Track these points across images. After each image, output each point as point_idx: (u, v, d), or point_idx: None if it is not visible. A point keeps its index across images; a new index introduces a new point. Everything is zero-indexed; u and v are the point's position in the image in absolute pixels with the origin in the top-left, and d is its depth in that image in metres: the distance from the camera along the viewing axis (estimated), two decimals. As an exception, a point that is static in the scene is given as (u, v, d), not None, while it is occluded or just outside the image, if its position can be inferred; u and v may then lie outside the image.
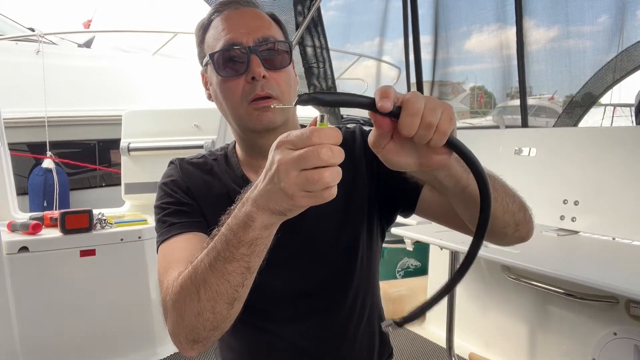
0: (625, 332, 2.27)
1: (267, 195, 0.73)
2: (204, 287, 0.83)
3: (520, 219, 0.98)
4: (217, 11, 1.13)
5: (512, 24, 3.29)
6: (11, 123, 4.56)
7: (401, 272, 3.75)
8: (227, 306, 0.85)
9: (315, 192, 0.70)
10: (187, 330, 0.88)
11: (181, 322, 0.88)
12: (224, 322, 0.88)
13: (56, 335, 2.69)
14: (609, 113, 9.25)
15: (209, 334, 0.88)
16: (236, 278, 0.83)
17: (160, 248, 1.08)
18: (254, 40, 1.07)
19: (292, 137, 0.70)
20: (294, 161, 0.68)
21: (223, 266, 0.81)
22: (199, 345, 0.91)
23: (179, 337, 0.90)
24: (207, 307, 0.84)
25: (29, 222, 2.68)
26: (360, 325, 1.22)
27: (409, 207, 1.16)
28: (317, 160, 0.68)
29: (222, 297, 0.84)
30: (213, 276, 0.83)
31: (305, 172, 0.68)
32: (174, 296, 0.89)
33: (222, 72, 1.08)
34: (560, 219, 2.58)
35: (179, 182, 1.17)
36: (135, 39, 7.01)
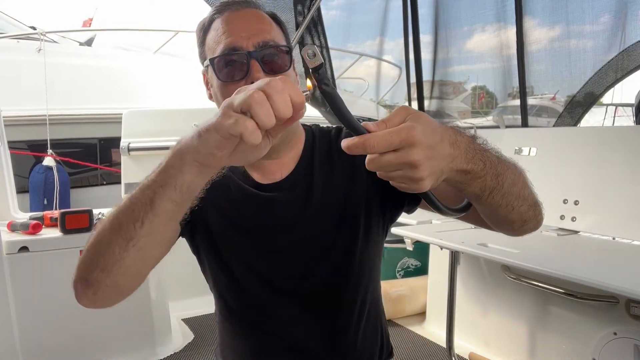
0: (625, 332, 2.27)
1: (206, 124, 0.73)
2: (115, 215, 0.84)
3: (529, 216, 0.99)
4: (217, 12, 1.13)
5: (512, 23, 3.29)
6: (12, 121, 4.57)
7: (401, 271, 3.75)
8: (122, 244, 0.84)
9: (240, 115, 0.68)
10: (82, 263, 0.89)
11: (83, 256, 0.89)
12: (115, 266, 0.86)
13: (56, 335, 2.70)
14: (611, 113, 9.23)
15: (99, 275, 0.87)
16: (139, 209, 0.81)
17: None
18: (254, 44, 1.06)
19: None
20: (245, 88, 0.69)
21: (136, 195, 0.82)
22: (89, 291, 0.90)
23: (76, 273, 0.90)
24: (106, 238, 0.85)
25: (29, 222, 2.68)
26: (361, 324, 1.22)
27: (414, 199, 1.17)
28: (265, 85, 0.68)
29: (121, 230, 0.83)
30: (124, 204, 0.83)
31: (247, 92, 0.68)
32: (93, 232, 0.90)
33: (222, 76, 1.08)
34: (560, 218, 2.58)
35: None
36: (136, 37, 7.03)
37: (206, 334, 3.28)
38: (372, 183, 1.19)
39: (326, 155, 1.21)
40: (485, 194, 0.86)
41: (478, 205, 0.93)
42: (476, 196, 0.87)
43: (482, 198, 0.87)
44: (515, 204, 0.94)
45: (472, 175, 0.82)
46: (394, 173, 0.74)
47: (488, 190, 0.86)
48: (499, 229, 1.04)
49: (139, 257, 0.87)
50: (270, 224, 1.14)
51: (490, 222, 1.02)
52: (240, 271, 1.16)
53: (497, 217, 0.97)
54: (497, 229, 1.05)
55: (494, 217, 0.98)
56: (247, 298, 1.18)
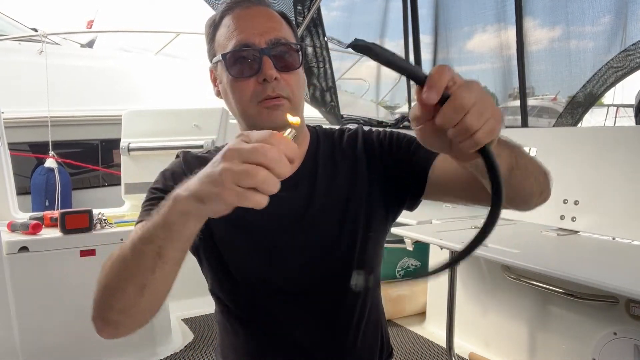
0: (625, 332, 2.26)
1: (201, 177, 0.73)
2: (123, 263, 0.83)
3: (546, 184, 1.00)
4: (228, 9, 1.13)
5: (512, 23, 3.29)
6: (14, 123, 4.58)
7: (401, 272, 3.74)
8: (137, 290, 0.82)
9: (244, 190, 0.68)
10: (98, 305, 0.87)
11: (98, 296, 0.87)
12: (133, 309, 0.85)
13: (56, 335, 2.69)
14: (612, 113, 9.22)
15: (118, 317, 0.86)
16: (148, 261, 0.80)
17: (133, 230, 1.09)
18: (266, 41, 1.07)
19: (252, 134, 0.70)
20: (241, 151, 0.68)
21: (140, 246, 0.80)
22: (109, 328, 0.89)
23: (94, 312, 0.89)
24: (120, 285, 0.83)
25: (29, 222, 2.68)
26: (361, 324, 1.22)
27: (417, 192, 1.17)
28: (262, 157, 0.67)
29: (133, 279, 0.82)
30: (131, 254, 0.82)
31: (246, 165, 0.67)
32: (102, 268, 0.88)
33: (233, 72, 1.08)
34: (560, 218, 2.57)
35: (177, 173, 1.17)
36: (137, 39, 7.04)
37: (206, 334, 3.27)
38: (373, 183, 1.20)
39: (329, 156, 1.22)
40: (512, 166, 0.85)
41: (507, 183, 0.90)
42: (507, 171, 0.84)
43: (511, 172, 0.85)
44: (535, 175, 0.95)
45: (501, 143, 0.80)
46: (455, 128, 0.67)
47: (513, 163, 0.85)
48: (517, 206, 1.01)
49: (154, 296, 0.86)
50: (272, 223, 1.14)
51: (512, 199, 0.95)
52: (240, 271, 1.16)
53: (522, 192, 0.95)
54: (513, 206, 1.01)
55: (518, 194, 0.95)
56: (247, 298, 1.18)
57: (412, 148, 1.17)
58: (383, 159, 1.20)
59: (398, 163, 1.18)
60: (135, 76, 5.80)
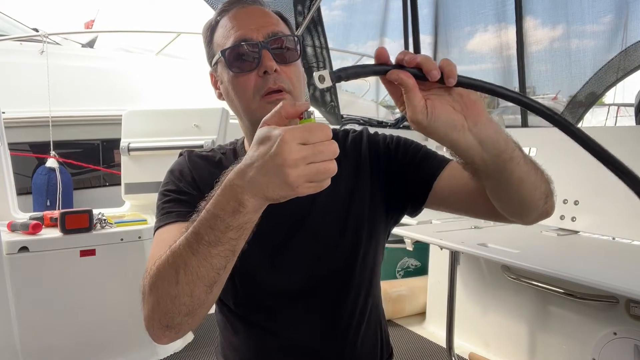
0: (625, 332, 2.26)
1: (264, 183, 0.74)
2: (184, 270, 0.82)
3: (549, 190, 1.00)
4: (224, 10, 1.15)
5: (512, 23, 3.29)
6: (15, 123, 4.58)
7: (401, 271, 3.75)
8: (207, 289, 0.84)
9: (319, 182, 0.73)
10: (161, 315, 0.87)
11: (157, 307, 0.87)
12: (201, 308, 0.87)
13: (56, 335, 2.69)
14: (613, 113, 9.23)
15: (183, 319, 0.87)
16: (220, 261, 0.82)
17: (155, 235, 1.08)
18: (264, 35, 1.08)
19: (302, 132, 0.72)
20: (309, 156, 0.71)
21: (207, 250, 0.80)
22: (171, 332, 0.89)
23: (152, 322, 0.89)
24: (186, 290, 0.83)
25: (29, 222, 2.68)
26: (362, 325, 1.22)
27: (419, 201, 1.17)
28: (330, 155, 0.72)
29: (202, 280, 0.83)
30: (195, 259, 0.81)
31: (315, 165, 0.71)
32: (151, 279, 0.87)
33: (233, 68, 1.09)
34: (560, 218, 2.57)
35: (185, 172, 1.18)
36: (138, 39, 7.03)
37: (206, 334, 3.27)
38: (376, 185, 1.20)
39: None
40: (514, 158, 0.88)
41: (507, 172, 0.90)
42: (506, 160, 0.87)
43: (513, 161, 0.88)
44: (536, 178, 0.95)
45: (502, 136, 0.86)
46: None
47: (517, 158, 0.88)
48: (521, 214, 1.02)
49: (220, 288, 0.88)
50: (274, 223, 1.13)
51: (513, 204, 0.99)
52: (241, 271, 1.15)
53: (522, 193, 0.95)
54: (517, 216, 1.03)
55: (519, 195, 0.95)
56: (248, 298, 1.18)
57: (419, 156, 1.18)
58: (388, 163, 1.21)
59: (403, 169, 1.19)
60: (136, 76, 5.80)
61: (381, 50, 0.77)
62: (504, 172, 0.89)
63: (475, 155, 0.85)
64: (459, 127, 0.80)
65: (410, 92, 0.76)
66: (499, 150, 0.85)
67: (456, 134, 0.81)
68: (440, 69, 0.76)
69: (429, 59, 0.76)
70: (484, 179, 0.93)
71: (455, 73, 0.77)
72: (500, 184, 0.92)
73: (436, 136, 0.82)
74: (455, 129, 0.80)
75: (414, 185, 1.16)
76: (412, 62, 0.76)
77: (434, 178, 1.13)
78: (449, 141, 0.83)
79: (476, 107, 0.80)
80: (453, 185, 1.11)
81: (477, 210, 1.09)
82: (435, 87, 0.79)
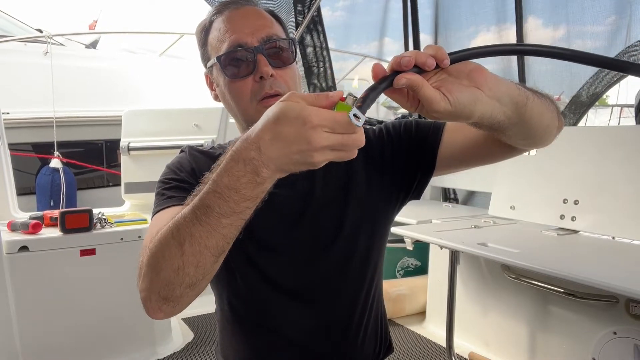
0: (625, 331, 2.26)
1: (287, 162, 0.74)
2: (189, 241, 0.81)
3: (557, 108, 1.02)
4: (217, 12, 1.14)
5: (512, 24, 3.29)
6: (19, 123, 4.61)
7: (401, 271, 3.74)
8: (213, 259, 0.83)
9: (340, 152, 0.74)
10: (160, 286, 0.85)
11: (156, 278, 0.85)
12: (204, 279, 0.85)
13: (56, 335, 2.70)
14: (616, 113, 9.18)
15: (184, 291, 0.85)
16: (231, 230, 0.81)
17: (153, 218, 1.07)
18: (259, 39, 1.08)
19: (330, 121, 0.71)
20: (335, 145, 0.72)
21: (217, 221, 0.79)
22: (168, 306, 0.88)
23: (150, 294, 0.87)
24: (191, 261, 0.82)
25: (29, 222, 2.68)
26: (362, 323, 1.22)
27: (426, 174, 1.18)
28: (354, 146, 0.73)
29: (210, 250, 0.81)
30: (203, 230, 0.80)
31: (339, 152, 0.73)
32: (151, 251, 0.85)
33: (229, 74, 1.09)
34: (560, 218, 2.57)
35: (185, 164, 1.18)
36: (141, 39, 7.06)
37: (206, 333, 3.28)
38: (373, 178, 1.20)
39: None
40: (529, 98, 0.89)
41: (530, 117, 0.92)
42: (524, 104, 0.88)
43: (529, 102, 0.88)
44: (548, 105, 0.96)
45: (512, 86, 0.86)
46: None
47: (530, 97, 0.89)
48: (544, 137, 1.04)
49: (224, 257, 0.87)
50: (271, 221, 1.13)
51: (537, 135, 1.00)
52: (241, 269, 1.16)
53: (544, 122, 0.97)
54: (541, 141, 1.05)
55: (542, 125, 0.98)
56: (248, 296, 1.18)
57: (413, 133, 1.18)
58: (383, 155, 1.20)
59: (401, 154, 1.19)
60: (139, 77, 5.82)
61: (376, 67, 0.77)
62: (525, 115, 0.90)
63: (500, 115, 0.86)
64: (479, 98, 0.80)
65: (423, 87, 0.75)
66: (517, 100, 0.86)
67: (480, 105, 0.81)
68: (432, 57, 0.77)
69: (418, 52, 0.76)
70: (510, 130, 0.93)
71: (446, 54, 0.77)
72: (524, 126, 0.93)
73: (464, 116, 0.81)
74: (478, 101, 0.80)
75: (418, 163, 1.16)
76: (409, 64, 0.75)
77: (436, 148, 1.13)
78: (477, 116, 0.82)
79: (481, 73, 0.80)
80: (457, 146, 1.12)
81: (489, 154, 1.09)
82: (433, 74, 0.79)
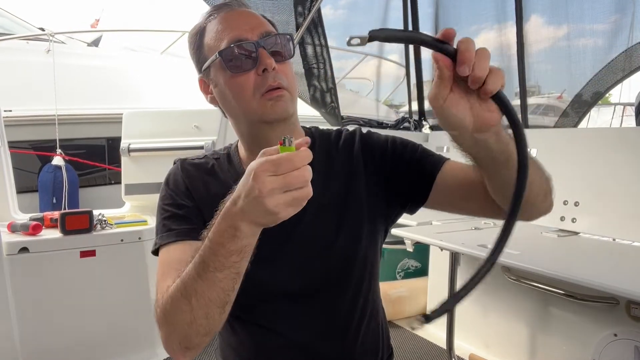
0: (625, 333, 2.26)
1: (251, 211, 0.81)
2: (195, 297, 0.89)
3: (548, 188, 1.02)
4: (211, 15, 1.15)
5: (513, 23, 3.27)
6: (22, 121, 4.61)
7: (401, 273, 3.74)
8: (220, 310, 0.91)
9: (298, 204, 0.80)
10: (179, 339, 0.94)
11: (173, 332, 0.94)
12: (216, 326, 0.94)
13: (56, 335, 2.70)
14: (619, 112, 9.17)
15: (201, 339, 0.94)
16: (228, 283, 0.89)
17: (160, 253, 1.13)
18: (258, 35, 1.10)
19: (271, 165, 0.77)
20: (280, 186, 0.77)
21: (214, 275, 0.87)
22: (191, 352, 0.97)
23: (172, 346, 0.96)
24: (200, 314, 0.90)
25: (29, 223, 2.68)
26: (362, 325, 1.22)
27: (420, 199, 1.18)
28: (300, 182, 0.78)
29: (214, 303, 0.89)
30: (204, 285, 0.88)
31: (290, 193, 0.78)
32: (164, 308, 0.94)
33: (231, 69, 1.10)
34: (560, 219, 2.56)
35: (179, 182, 1.21)
36: (143, 38, 7.06)
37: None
38: (371, 184, 1.20)
39: (325, 156, 1.22)
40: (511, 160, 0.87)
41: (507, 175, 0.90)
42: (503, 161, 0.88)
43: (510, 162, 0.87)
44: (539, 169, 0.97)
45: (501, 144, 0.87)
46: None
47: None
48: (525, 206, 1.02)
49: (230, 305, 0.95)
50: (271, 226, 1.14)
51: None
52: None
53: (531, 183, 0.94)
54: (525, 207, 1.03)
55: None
56: (247, 298, 1.17)
57: (417, 155, 1.19)
58: (383, 163, 1.20)
59: (401, 168, 1.19)
60: (140, 75, 5.82)
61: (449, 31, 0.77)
62: (502, 170, 0.90)
63: (471, 152, 0.89)
64: (463, 127, 0.82)
65: (443, 80, 0.79)
66: (493, 153, 0.87)
67: (459, 130, 0.83)
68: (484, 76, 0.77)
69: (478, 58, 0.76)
70: (483, 171, 0.95)
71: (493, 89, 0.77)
72: (497, 179, 0.94)
73: (440, 122, 0.84)
74: (459, 127, 0.82)
75: (414, 183, 1.16)
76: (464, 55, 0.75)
77: (434, 175, 1.14)
78: (449, 131, 0.85)
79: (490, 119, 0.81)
80: (452, 182, 1.12)
81: (477, 206, 1.10)
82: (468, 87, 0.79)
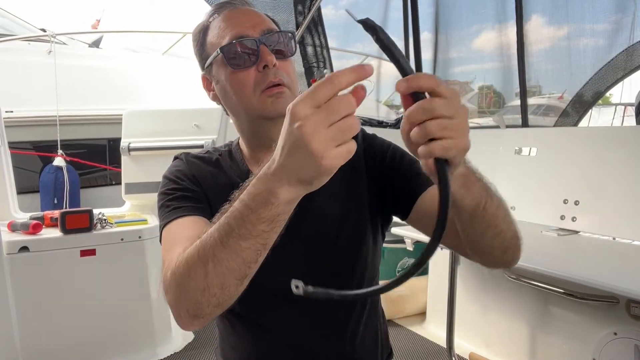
0: (625, 332, 2.26)
1: (293, 165, 0.69)
2: (213, 262, 0.80)
3: (511, 245, 0.98)
4: (214, 13, 1.16)
5: (513, 23, 3.27)
6: (23, 122, 4.62)
7: (401, 271, 3.73)
8: (237, 282, 0.82)
9: (345, 145, 0.66)
10: (189, 305, 0.85)
11: (184, 297, 0.85)
12: (230, 299, 0.85)
13: (56, 335, 2.70)
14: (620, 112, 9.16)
15: (212, 310, 0.85)
16: (251, 255, 0.80)
17: (164, 230, 1.07)
18: (260, 32, 1.10)
19: (307, 95, 0.65)
20: (323, 117, 0.65)
21: (237, 243, 0.78)
22: (199, 321, 0.88)
23: (179, 311, 0.88)
24: (215, 282, 0.81)
25: (29, 222, 2.68)
26: (361, 323, 1.22)
27: (401, 214, 1.18)
28: (346, 109, 0.65)
29: (233, 274, 0.81)
30: (225, 252, 0.79)
31: (337, 124, 0.65)
32: (177, 269, 0.86)
33: (232, 65, 1.10)
34: (560, 218, 2.56)
35: (185, 171, 1.18)
36: (144, 38, 7.06)
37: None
38: (371, 184, 1.20)
39: None
40: (480, 205, 0.85)
41: (470, 222, 0.90)
42: (472, 207, 0.85)
43: (477, 210, 0.86)
44: (501, 227, 0.93)
45: (472, 178, 0.83)
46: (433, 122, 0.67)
47: (483, 202, 0.85)
48: (478, 256, 1.01)
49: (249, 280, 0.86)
50: None
51: (473, 245, 0.98)
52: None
53: (483, 239, 0.94)
54: (475, 256, 1.02)
55: (479, 239, 0.95)
56: (247, 297, 1.16)
57: (410, 171, 1.18)
58: (382, 168, 1.21)
59: (393, 180, 1.19)
60: (142, 76, 5.82)
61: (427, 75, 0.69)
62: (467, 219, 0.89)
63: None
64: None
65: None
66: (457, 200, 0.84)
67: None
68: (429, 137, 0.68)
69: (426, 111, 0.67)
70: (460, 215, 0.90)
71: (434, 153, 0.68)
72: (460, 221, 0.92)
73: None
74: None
75: (399, 197, 1.16)
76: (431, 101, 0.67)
77: (415, 197, 1.12)
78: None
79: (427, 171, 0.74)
80: (429, 210, 1.09)
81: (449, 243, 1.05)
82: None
